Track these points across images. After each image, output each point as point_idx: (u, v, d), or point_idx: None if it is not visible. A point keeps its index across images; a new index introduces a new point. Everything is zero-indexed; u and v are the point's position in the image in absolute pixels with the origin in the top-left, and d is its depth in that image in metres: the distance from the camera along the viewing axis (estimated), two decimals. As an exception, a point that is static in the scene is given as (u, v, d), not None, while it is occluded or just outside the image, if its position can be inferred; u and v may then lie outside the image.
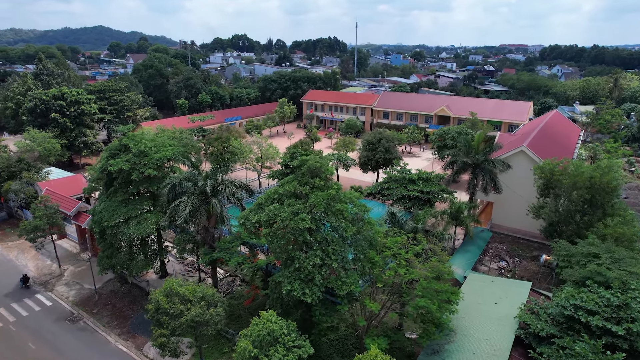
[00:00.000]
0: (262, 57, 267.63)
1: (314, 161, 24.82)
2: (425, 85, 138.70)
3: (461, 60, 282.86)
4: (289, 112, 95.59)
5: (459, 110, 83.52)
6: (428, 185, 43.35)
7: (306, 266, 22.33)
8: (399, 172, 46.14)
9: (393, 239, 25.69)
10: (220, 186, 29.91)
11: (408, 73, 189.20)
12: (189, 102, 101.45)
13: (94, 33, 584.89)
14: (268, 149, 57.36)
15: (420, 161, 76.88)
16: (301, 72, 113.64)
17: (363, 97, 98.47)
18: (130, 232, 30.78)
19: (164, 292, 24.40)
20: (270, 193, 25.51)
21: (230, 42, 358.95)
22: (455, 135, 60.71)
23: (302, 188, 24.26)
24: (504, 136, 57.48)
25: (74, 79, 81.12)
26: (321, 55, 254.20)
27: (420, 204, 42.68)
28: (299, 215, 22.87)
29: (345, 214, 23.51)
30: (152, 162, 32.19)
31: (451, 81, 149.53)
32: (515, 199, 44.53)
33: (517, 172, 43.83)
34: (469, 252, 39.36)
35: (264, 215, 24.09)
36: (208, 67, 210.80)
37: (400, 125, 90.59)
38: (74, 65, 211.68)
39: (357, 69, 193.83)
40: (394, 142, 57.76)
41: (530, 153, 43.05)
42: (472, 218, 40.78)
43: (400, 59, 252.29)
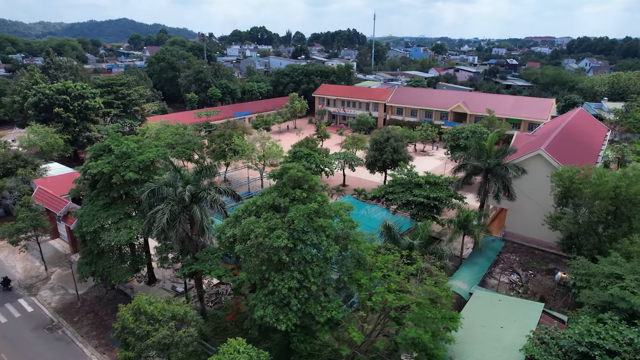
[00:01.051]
0: (280, 49, 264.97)
1: (296, 170, 22.30)
2: (444, 79, 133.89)
3: (483, 53, 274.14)
4: (299, 107, 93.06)
5: (476, 107, 79.38)
6: (436, 190, 40.28)
7: (281, 289, 19.95)
8: (405, 174, 43.14)
9: (384, 257, 23.06)
10: (201, 192, 27.72)
11: (427, 67, 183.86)
12: (199, 96, 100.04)
13: (117, 26, 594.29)
14: (270, 147, 55.01)
15: (433, 160, 73.48)
16: (314, 66, 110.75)
17: (376, 92, 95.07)
18: (110, 238, 29.04)
19: (132, 310, 22.48)
20: (249, 204, 23.16)
21: (249, 34, 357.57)
22: (469, 134, 57.11)
23: (282, 200, 21.83)
24: (521, 136, 53.65)
25: (82, 72, 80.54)
26: (339, 48, 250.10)
27: (426, 211, 39.74)
28: (275, 232, 20.46)
29: (328, 231, 20.98)
30: (134, 164, 30.31)
31: (471, 75, 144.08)
32: (531, 206, 41.10)
33: (534, 178, 40.35)
34: (477, 265, 36.29)
35: (239, 229, 21.77)
36: (224, 59, 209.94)
37: (414, 122, 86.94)
38: (92, 57, 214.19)
39: (374, 62, 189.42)
40: (403, 142, 54.64)
41: (548, 157, 39.45)
42: (481, 228, 37.63)
43: (420, 52, 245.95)
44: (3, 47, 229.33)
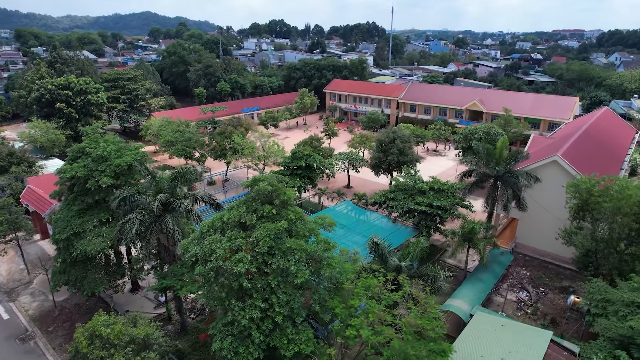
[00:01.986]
0: (296, 43, 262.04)
1: (266, 183, 19.89)
2: (463, 75, 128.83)
3: (507, 47, 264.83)
4: (309, 103, 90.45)
5: (493, 105, 75.20)
6: (440, 197, 37.31)
7: (241, 320, 17.67)
8: (409, 179, 40.21)
9: (366, 281, 20.50)
10: (175, 202, 25.62)
11: (447, 61, 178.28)
12: (209, 91, 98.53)
13: (141, 19, 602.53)
14: (270, 147, 52.75)
15: (445, 161, 69.98)
16: (326, 60, 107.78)
17: (389, 88, 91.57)
18: (82, 247, 27.34)
19: (87, 333, 20.63)
20: (215, 219, 20.90)
21: (267, 27, 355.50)
22: (482, 135, 53.53)
23: (249, 217, 19.47)
24: (538, 139, 49.86)
25: (88, 66, 79.89)
26: (356, 41, 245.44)
27: (428, 220, 36.85)
28: (237, 255, 18.15)
29: (298, 254, 18.54)
30: (110, 168, 28.45)
31: (491, 71, 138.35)
32: (545, 217, 37.71)
33: (549, 186, 36.94)
34: (482, 281, 33.26)
35: (200, 248, 19.56)
36: (241, 53, 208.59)
37: (428, 120, 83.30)
38: (111, 50, 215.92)
39: (392, 57, 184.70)
40: (410, 143, 51.55)
41: (565, 164, 35.91)
42: (488, 241, 34.51)
43: (441, 45, 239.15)
44: (26, 40, 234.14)
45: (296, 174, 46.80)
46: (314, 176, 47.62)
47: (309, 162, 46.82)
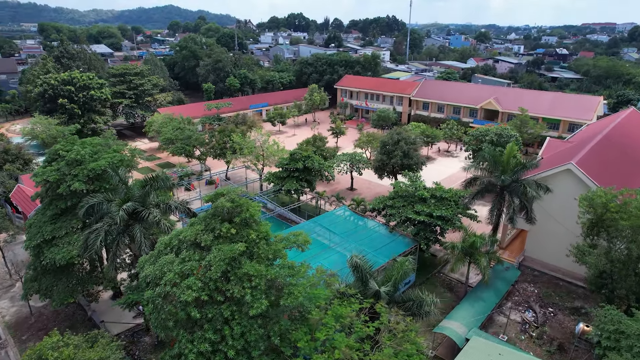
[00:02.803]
0: (314, 37, 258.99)
1: (225, 199, 17.83)
2: (481, 71, 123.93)
3: (531, 42, 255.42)
4: (318, 99, 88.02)
5: (510, 103, 71.26)
6: (442, 206, 34.63)
7: (188, 354, 15.73)
8: (409, 184, 37.56)
9: (338, 309, 18.29)
10: (143, 211, 23.87)
11: (467, 56, 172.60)
12: (218, 87, 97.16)
13: (164, 12, 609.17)
14: (269, 147, 50.74)
15: (457, 162, 66.54)
16: (339, 56, 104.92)
17: (401, 85, 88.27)
18: (52, 255, 25.97)
19: (34, 356, 19.10)
20: (173, 236, 18.99)
21: (286, 21, 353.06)
22: (494, 137, 50.22)
23: (204, 237, 17.47)
24: (554, 143, 46.35)
25: (95, 61, 79.41)
26: (374, 35, 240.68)
27: (427, 231, 34.24)
28: (186, 281, 16.20)
29: (255, 281, 16.46)
30: (84, 173, 26.92)
31: (511, 67, 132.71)
32: (557, 229, 34.65)
33: (562, 196, 33.84)
34: (482, 300, 30.59)
35: (152, 270, 17.69)
36: (257, 47, 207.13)
37: (441, 119, 79.89)
38: (129, 44, 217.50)
39: (410, 51, 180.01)
40: (416, 145, 48.73)
41: (581, 174, 32.69)
42: (491, 256, 31.74)
43: (461, 40, 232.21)
44: (49, 34, 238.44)
45: (293, 176, 44.73)
46: (312, 179, 45.45)
47: (307, 164, 44.65)
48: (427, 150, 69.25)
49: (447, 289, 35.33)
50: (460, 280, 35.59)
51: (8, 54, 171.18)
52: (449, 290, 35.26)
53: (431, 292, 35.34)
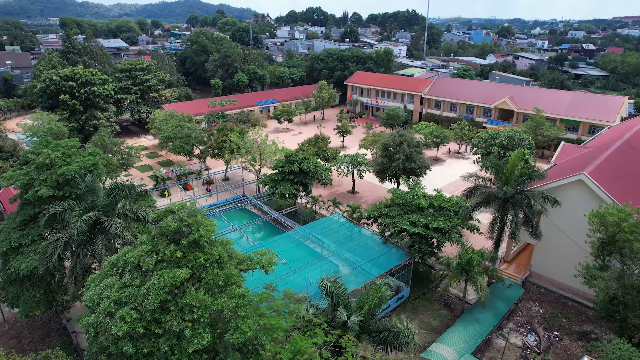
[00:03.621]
0: (331, 31, 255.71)
1: (173, 218, 15.99)
2: (500, 68, 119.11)
3: (556, 37, 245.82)
4: (326, 96, 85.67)
5: (526, 103, 67.47)
6: (440, 217, 32.16)
7: (118, 395, 14.04)
8: (406, 192, 35.11)
9: (298, 342, 16.29)
10: (107, 222, 22.32)
11: (487, 52, 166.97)
12: (226, 82, 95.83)
13: (185, 6, 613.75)
14: (265, 147, 48.86)
15: (467, 165, 63.44)
16: (350, 51, 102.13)
17: (413, 83, 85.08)
18: (16, 264, 24.77)
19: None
20: (121, 255, 17.29)
21: (304, 15, 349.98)
22: (504, 141, 47.09)
23: (146, 261, 15.69)
24: (569, 148, 43.02)
25: (101, 56, 78.89)
26: (392, 30, 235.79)
27: (423, 244, 31.84)
28: (121, 310, 14.46)
29: (197, 313, 14.60)
30: (52, 178, 25.57)
31: (532, 63, 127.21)
32: (566, 243, 31.81)
33: (573, 209, 31.00)
34: (478, 322, 28.11)
35: (91, 293, 16.02)
36: (273, 41, 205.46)
37: (453, 118, 76.59)
38: (146, 38, 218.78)
39: (427, 47, 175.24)
40: (420, 148, 46.08)
41: (594, 186, 29.70)
42: (491, 273, 29.18)
43: (482, 35, 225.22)
44: (70, 28, 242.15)
45: (288, 179, 42.78)
46: (308, 182, 43.42)
47: (303, 167, 42.61)
48: (437, 151, 66.32)
49: (444, 306, 32.92)
50: (459, 296, 33.11)
51: (28, 48, 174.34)
52: (445, 307, 32.84)
53: (426, 308, 33.25)
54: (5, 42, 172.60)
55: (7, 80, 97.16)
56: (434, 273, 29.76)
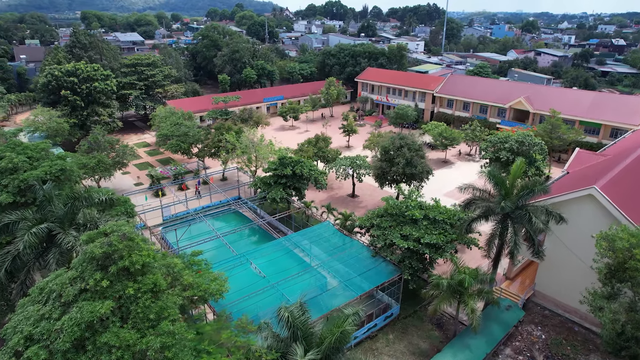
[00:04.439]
0: (349, 25, 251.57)
1: (100, 244, 14.18)
2: (521, 64, 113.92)
3: (584, 31, 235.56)
4: (335, 93, 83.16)
5: (543, 103, 63.52)
6: (434, 230, 29.66)
7: None
8: (401, 200, 32.64)
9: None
10: (59, 235, 20.79)
11: (509, 47, 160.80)
12: (234, 78, 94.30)
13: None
14: (258, 149, 46.96)
15: (477, 168, 60.02)
16: (362, 47, 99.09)
17: (425, 80, 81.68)
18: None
19: None
20: (51, 279, 15.59)
21: (323, 9, 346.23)
22: (514, 145, 43.88)
23: (67, 290, 13.94)
24: (583, 155, 39.65)
25: (107, 51, 78.32)
26: (410, 24, 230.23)
27: (414, 260, 29.43)
28: (30, 350, 12.76)
29: (116, 354, 12.78)
30: (14, 183, 24.24)
31: (555, 60, 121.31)
32: (575, 262, 28.89)
33: (582, 226, 28.10)
34: (469, 350, 25.61)
35: (10, 323, 14.39)
36: (289, 36, 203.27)
37: (466, 118, 73.11)
38: (162, 32, 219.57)
39: (446, 42, 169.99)
40: (422, 152, 43.35)
41: (606, 201, 26.66)
42: (486, 295, 26.58)
43: (505, 30, 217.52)
44: (90, 22, 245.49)
45: (280, 182, 40.81)
46: (301, 186, 41.35)
47: (296, 170, 40.55)
48: (446, 153, 63.23)
49: (436, 326, 30.51)
50: (453, 315, 30.60)
51: (48, 42, 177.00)
52: (437, 327, 30.43)
53: (417, 328, 30.84)
54: (27, 36, 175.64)
55: (20, 74, 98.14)
56: (424, 292, 27.34)
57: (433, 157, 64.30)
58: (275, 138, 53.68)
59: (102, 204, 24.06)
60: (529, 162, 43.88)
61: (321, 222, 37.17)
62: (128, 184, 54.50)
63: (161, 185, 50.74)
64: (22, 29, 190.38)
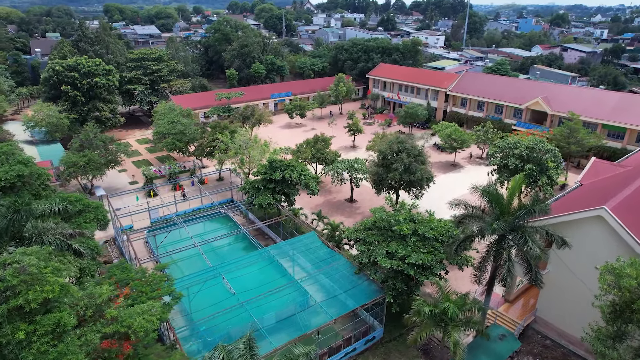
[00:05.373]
0: (369, 19, 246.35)
1: None
2: (545, 61, 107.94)
3: (619, 25, 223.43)
4: (344, 90, 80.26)
5: (562, 104, 59.06)
6: (423, 248, 26.97)
7: None
8: (391, 212, 29.96)
9: None
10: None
11: (534, 42, 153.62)
12: (243, 73, 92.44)
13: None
14: (249, 150, 44.86)
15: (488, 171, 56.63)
16: (375, 41, 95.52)
17: (438, 77, 77.82)
18: None
19: None
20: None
21: (345, 1, 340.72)
22: (524, 152, 40.32)
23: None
24: (600, 165, 35.92)
25: (114, 45, 77.52)
26: (432, 18, 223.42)
27: (398, 280, 26.84)
28: None
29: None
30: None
31: (582, 56, 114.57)
32: (580, 288, 25.75)
33: (589, 248, 24.91)
34: (453, 387, 22.93)
35: None
36: (307, 29, 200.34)
37: (479, 118, 69.20)
38: (182, 25, 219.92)
39: (468, 36, 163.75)
40: (422, 157, 40.33)
41: (617, 225, 23.36)
42: (474, 326, 23.77)
43: (532, 24, 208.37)
44: (112, 15, 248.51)
45: (268, 187, 38.65)
46: (290, 192, 39.11)
47: (286, 175, 38.29)
48: (455, 155, 59.75)
49: (422, 352, 27.95)
50: (441, 340, 27.89)
51: (69, 35, 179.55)
52: (423, 353, 27.88)
53: (400, 353, 28.23)
54: (49, 29, 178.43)
55: (34, 67, 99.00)
56: (406, 318, 24.76)
57: (442, 160, 60.96)
58: (270, 139, 51.60)
59: (57, 214, 22.42)
60: (540, 170, 40.32)
61: (307, 233, 34.79)
62: (123, 182, 53.46)
63: (154, 186, 49.42)
64: (46, 22, 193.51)
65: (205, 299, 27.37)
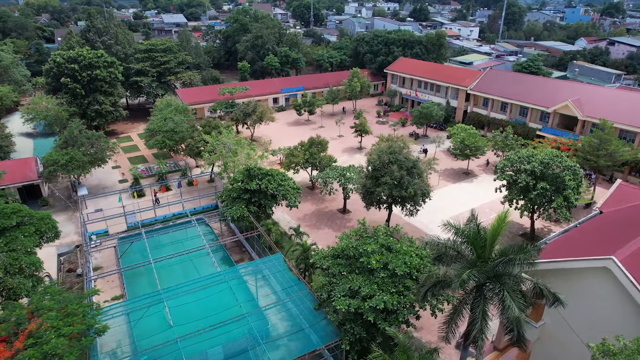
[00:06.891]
0: (404, 8, 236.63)
1: None
2: (588, 56, 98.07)
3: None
4: (357, 86, 75.51)
5: (596, 108, 51.97)
6: (392, 287, 22.93)
7: None
8: (360, 239, 25.89)
9: None
10: None
11: (581, 34, 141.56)
12: (257, 65, 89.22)
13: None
14: (232, 155, 41.58)
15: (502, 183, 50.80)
16: (397, 34, 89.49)
17: (460, 75, 71.45)
18: None
19: None
20: None
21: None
22: (537, 168, 34.74)
23: None
24: (626, 189, 30.05)
25: (122, 36, 76.01)
26: (468, 8, 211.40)
27: (357, 325, 22.89)
28: None
29: None
30: None
31: (632, 51, 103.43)
32: (580, 347, 20.90)
33: (594, 302, 20.14)
34: None
35: None
36: (337, 19, 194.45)
37: (502, 121, 62.86)
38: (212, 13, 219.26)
39: (506, 28, 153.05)
40: (418, 169, 35.66)
41: (628, 282, 18.36)
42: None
43: (579, 14, 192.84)
44: (146, 3, 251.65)
45: (243, 197, 35.35)
46: (267, 204, 35.61)
47: (262, 185, 34.82)
48: (468, 163, 54.18)
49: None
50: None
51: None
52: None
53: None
54: (82, 18, 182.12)
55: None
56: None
57: (454, 167, 55.61)
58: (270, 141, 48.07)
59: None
60: (556, 189, 34.76)
61: (276, 253, 31.21)
62: (113, 180, 51.80)
63: (140, 186, 47.36)
64: (82, 11, 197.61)
65: (142, 331, 24.59)
